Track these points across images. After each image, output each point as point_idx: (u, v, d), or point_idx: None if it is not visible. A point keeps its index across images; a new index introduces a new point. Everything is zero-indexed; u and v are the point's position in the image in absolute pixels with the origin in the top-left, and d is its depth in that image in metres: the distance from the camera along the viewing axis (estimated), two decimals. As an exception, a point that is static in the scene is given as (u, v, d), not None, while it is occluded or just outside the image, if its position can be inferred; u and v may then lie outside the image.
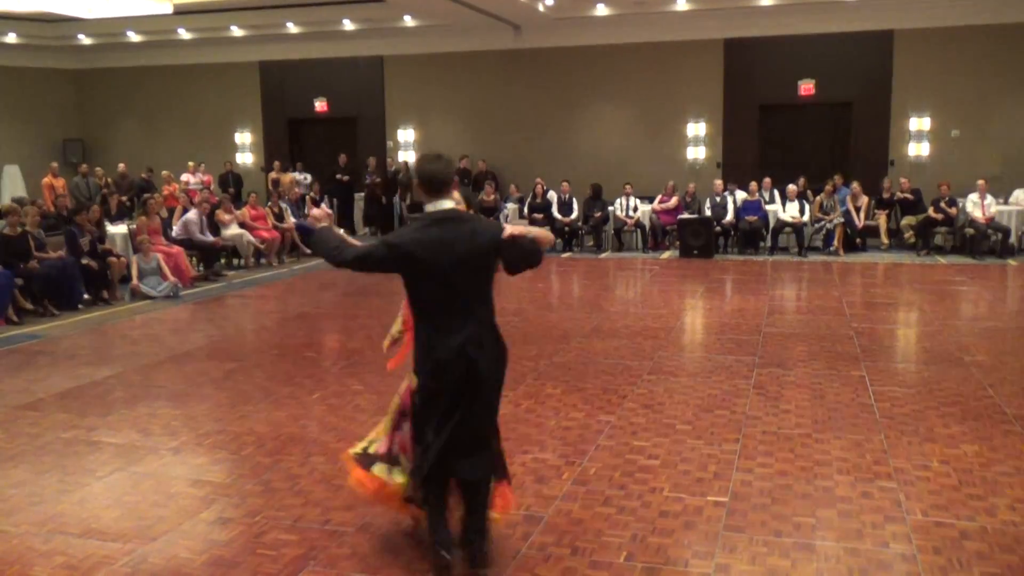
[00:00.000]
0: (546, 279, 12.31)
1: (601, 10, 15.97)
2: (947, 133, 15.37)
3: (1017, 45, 14.79)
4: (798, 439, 5.32)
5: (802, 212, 14.21)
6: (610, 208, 15.07)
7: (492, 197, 15.64)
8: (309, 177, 17.16)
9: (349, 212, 17.80)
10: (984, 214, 13.48)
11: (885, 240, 14.14)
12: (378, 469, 3.86)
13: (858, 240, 14.26)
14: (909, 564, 3.75)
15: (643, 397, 6.25)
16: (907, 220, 14.14)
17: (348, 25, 17.60)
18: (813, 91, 15.95)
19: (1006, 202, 14.01)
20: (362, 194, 17.65)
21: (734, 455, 5.06)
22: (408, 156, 18.10)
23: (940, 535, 4.00)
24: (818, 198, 14.32)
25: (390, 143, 18.40)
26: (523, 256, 3.55)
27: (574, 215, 15.10)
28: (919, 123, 15.49)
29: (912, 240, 13.92)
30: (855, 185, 14.34)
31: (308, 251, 14.56)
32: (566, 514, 4.30)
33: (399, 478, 3.82)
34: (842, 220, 14.07)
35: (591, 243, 15.32)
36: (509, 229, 3.54)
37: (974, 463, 4.89)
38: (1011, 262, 12.87)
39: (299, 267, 13.62)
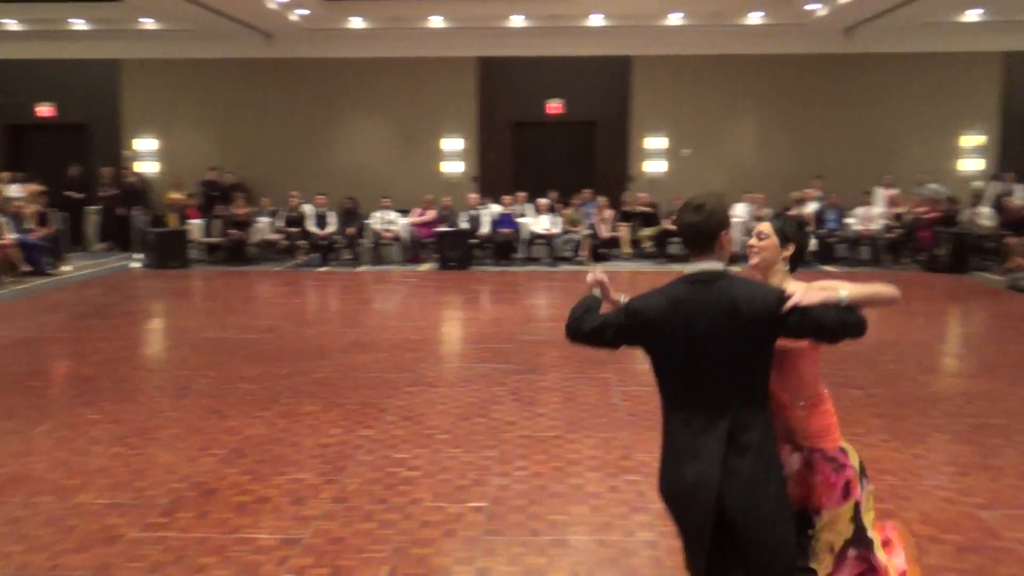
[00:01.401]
0: (302, 294, 11.98)
1: (356, 23, 15.88)
2: (679, 152, 16.76)
3: (740, 73, 16.45)
4: (551, 441, 5.53)
5: (553, 224, 14.90)
6: (367, 221, 14.96)
7: (243, 211, 14.99)
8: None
9: (80, 226, 16.31)
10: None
11: (627, 250, 15.18)
12: None
13: (602, 250, 15.19)
14: (653, 549, 4.00)
15: (403, 409, 6.23)
16: (645, 231, 15.26)
17: (78, 25, 16.19)
18: (561, 110, 16.79)
19: (728, 215, 15.47)
20: (97, 207, 16.26)
21: (492, 461, 5.16)
22: (149, 167, 16.96)
23: (679, 521, 4.30)
24: (567, 211, 15.10)
25: (127, 153, 17.11)
26: (831, 330, 2.57)
27: (331, 228, 14.82)
28: (655, 142, 16.78)
29: (651, 249, 15.04)
30: (600, 199, 15.26)
31: (28, 269, 13.21)
32: (325, 533, 4.18)
33: None
34: (589, 232, 14.92)
35: (348, 257, 15.11)
36: (799, 295, 2.55)
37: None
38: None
39: (21, 288, 12.26)
